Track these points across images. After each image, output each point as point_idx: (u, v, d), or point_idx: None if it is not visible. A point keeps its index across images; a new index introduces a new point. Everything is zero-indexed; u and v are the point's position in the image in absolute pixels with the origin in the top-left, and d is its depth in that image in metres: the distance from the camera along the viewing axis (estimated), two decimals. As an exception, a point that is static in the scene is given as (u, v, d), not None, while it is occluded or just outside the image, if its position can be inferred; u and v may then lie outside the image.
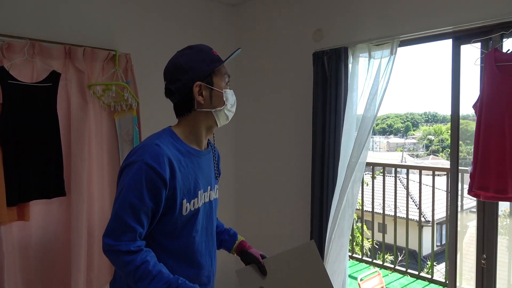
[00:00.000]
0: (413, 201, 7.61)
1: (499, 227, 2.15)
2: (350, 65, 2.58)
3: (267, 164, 3.30)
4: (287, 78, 3.10)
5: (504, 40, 2.02)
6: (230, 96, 1.34)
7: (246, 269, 1.45)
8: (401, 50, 2.44)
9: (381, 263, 3.92)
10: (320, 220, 2.73)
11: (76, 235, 2.33)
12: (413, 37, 2.35)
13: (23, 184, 2.14)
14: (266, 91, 3.28)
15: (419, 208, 3.90)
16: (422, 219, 8.13)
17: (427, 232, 6.80)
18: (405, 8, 2.38)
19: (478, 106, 2.04)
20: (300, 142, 2.99)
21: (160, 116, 2.35)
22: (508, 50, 1.96)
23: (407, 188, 3.85)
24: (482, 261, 2.16)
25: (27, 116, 2.17)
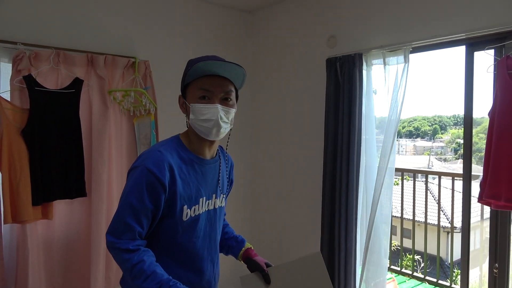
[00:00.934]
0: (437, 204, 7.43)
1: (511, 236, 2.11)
2: (364, 71, 2.60)
3: (282, 168, 3.34)
4: (302, 84, 3.13)
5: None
6: (198, 111, 1.29)
7: (250, 276, 1.46)
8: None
9: (399, 269, 3.87)
10: (331, 220, 2.74)
11: (95, 234, 2.45)
12: (426, 44, 2.34)
13: (47, 184, 2.26)
14: (280, 96, 3.32)
15: (438, 213, 3.84)
16: (449, 225, 7.88)
17: (457, 238, 6.62)
18: (418, 15, 2.37)
19: (491, 113, 2.01)
20: (314, 146, 3.01)
21: (177, 120, 2.43)
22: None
23: (425, 193, 3.82)
24: (494, 270, 2.13)
25: (52, 120, 2.30)
